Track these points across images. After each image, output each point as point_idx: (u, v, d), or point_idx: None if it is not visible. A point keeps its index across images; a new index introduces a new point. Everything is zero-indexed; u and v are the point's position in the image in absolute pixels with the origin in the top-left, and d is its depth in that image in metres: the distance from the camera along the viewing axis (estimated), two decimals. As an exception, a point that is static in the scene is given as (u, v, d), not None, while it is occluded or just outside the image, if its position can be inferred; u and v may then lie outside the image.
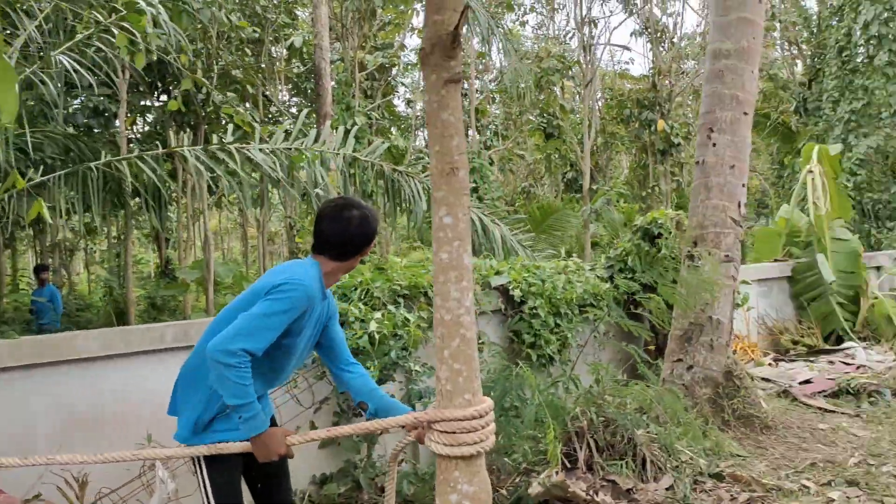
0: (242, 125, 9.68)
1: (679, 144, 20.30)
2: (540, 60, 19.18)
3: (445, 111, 2.69)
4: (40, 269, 11.46)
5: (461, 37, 2.64)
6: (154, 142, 10.54)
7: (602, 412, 4.66)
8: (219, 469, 2.77)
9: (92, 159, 7.10)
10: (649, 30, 20.58)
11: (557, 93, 21.80)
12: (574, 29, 21.20)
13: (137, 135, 13.54)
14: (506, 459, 4.33)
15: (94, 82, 6.90)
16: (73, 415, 3.97)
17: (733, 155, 5.72)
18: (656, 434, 4.70)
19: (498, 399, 4.15)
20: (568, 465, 4.48)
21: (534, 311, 5.79)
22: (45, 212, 4.60)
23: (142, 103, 12.38)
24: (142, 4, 6.23)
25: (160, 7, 6.71)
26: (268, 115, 15.54)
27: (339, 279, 3.32)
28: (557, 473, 4.22)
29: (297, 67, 16.60)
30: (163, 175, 7.42)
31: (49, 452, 3.68)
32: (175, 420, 2.87)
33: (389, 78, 17.96)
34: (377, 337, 4.61)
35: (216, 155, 6.95)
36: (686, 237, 6.00)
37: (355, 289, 4.91)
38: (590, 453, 4.51)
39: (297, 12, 15.78)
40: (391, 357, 4.64)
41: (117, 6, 6.36)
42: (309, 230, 13.18)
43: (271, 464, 2.77)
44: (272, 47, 15.38)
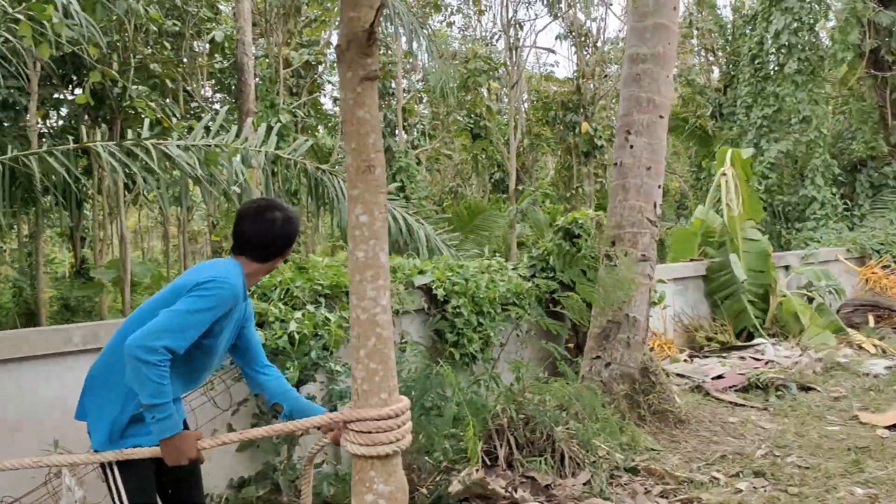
0: (161, 120, 9.41)
1: (602, 146, 20.76)
2: (466, 61, 19.30)
3: (361, 108, 2.67)
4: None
5: (377, 34, 2.62)
6: (67, 137, 10.13)
7: (522, 410, 4.72)
8: (132, 474, 2.69)
9: (-2, 154, 6.76)
10: (573, 34, 20.96)
11: (484, 94, 21.98)
12: (500, 31, 21.41)
13: (50, 129, 12.98)
14: (426, 458, 4.33)
15: (1, 73, 6.58)
16: (-26, 421, 3.78)
17: (650, 157, 5.88)
18: (575, 430, 4.79)
19: (418, 398, 4.15)
20: (488, 463, 4.52)
21: (457, 310, 5.82)
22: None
23: (55, 96, 11.88)
24: (49, -8, 5.98)
25: (72, -4, 6.44)
26: (189, 111, 15.14)
27: (259, 280, 3.31)
28: (477, 471, 4.26)
29: (220, 63, 16.24)
30: (75, 171, 7.12)
31: (-55, 461, 3.48)
32: (83, 425, 2.77)
33: (316, 75, 17.74)
34: (297, 337, 4.55)
35: (132, 151, 6.72)
36: (605, 237, 6.13)
37: (275, 288, 4.83)
38: (510, 450, 4.57)
39: (220, 6, 15.43)
40: (311, 357, 4.59)
41: (25, -6, 6.09)
42: (226, 229, 12.91)
43: (181, 468, 2.70)
44: (194, 41, 15.01)
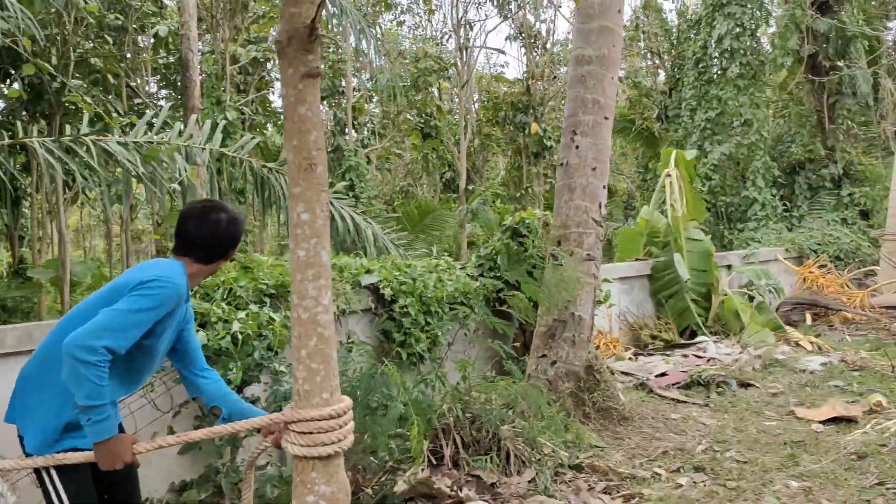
0: (102, 116, 9.16)
1: (552, 147, 20.95)
2: (417, 61, 19.28)
3: (303, 105, 2.64)
4: None
5: (319, 30, 2.60)
6: (2, 132, 9.78)
7: (468, 409, 4.74)
8: (71, 478, 2.63)
9: (-74, 149, 6.50)
10: (523, 35, 21.11)
11: (434, 93, 22.00)
12: (451, 31, 21.44)
13: (-16, 125, 12.53)
14: (371, 458, 4.31)
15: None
16: None
17: (595, 157, 5.95)
18: (521, 428, 4.82)
19: (363, 398, 4.13)
20: (434, 462, 4.53)
21: (404, 310, 5.81)
22: None
23: (-11, 90, 11.48)
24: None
25: (6, -13, 6.24)
26: (133, 108, 14.79)
27: (200, 282, 3.28)
28: (423, 470, 4.26)
29: (165, 58, 15.89)
30: (11, 169, 6.89)
31: None
32: (13, 428, 2.69)
33: (264, 72, 17.49)
34: (240, 337, 4.48)
35: (71, 147, 6.53)
36: (551, 237, 6.19)
37: (218, 288, 4.76)
38: (456, 449, 4.58)
39: (165, 1, 15.10)
40: (255, 358, 4.52)
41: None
42: (169, 228, 12.63)
43: (116, 472, 2.64)
44: (138, 36, 14.66)
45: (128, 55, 14.08)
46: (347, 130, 18.31)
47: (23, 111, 10.94)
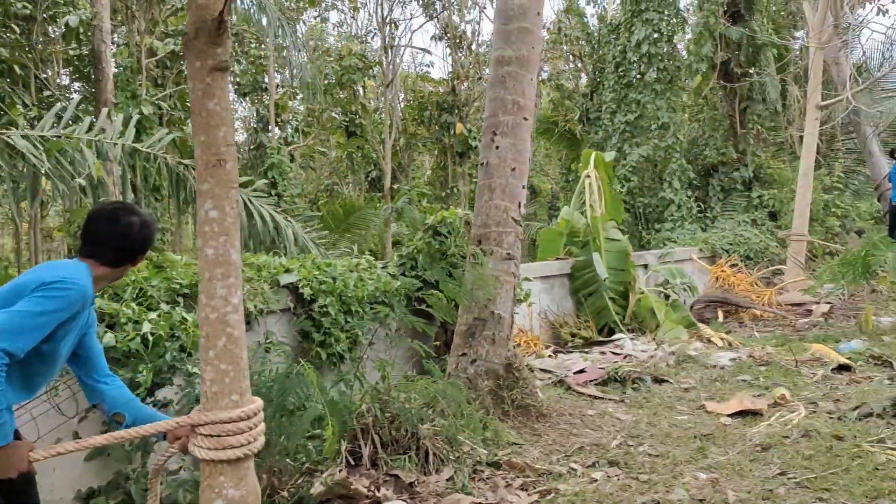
0: (7, 108, 8.74)
1: (477, 147, 21.12)
2: (341, 58, 19.12)
3: (211, 100, 2.58)
4: None
5: (228, 23, 2.54)
6: None
7: (387, 408, 4.72)
8: None
9: None
10: (448, 35, 21.21)
11: (360, 92, 21.86)
12: (376, 29, 21.36)
13: None
14: (288, 460, 4.24)
15: None
16: None
17: (514, 157, 6.01)
18: (440, 427, 4.83)
19: (277, 399, 4.06)
20: (352, 463, 4.49)
21: (324, 310, 5.74)
22: None
23: None
24: None
25: None
26: (42, 100, 14.17)
27: (104, 287, 3.18)
28: (340, 471, 4.22)
29: (77, 50, 15.29)
30: None
31: None
32: None
33: (182, 66, 17.04)
34: (151, 338, 4.34)
35: (-29, 140, 6.20)
36: (472, 236, 6.23)
37: (128, 287, 4.60)
38: (374, 449, 4.55)
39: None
40: (167, 360, 4.39)
41: None
42: (77, 226, 12.16)
43: (12, 480, 2.53)
44: (48, 26, 14.05)
45: (37, 45, 13.49)
46: (270, 127, 18.01)
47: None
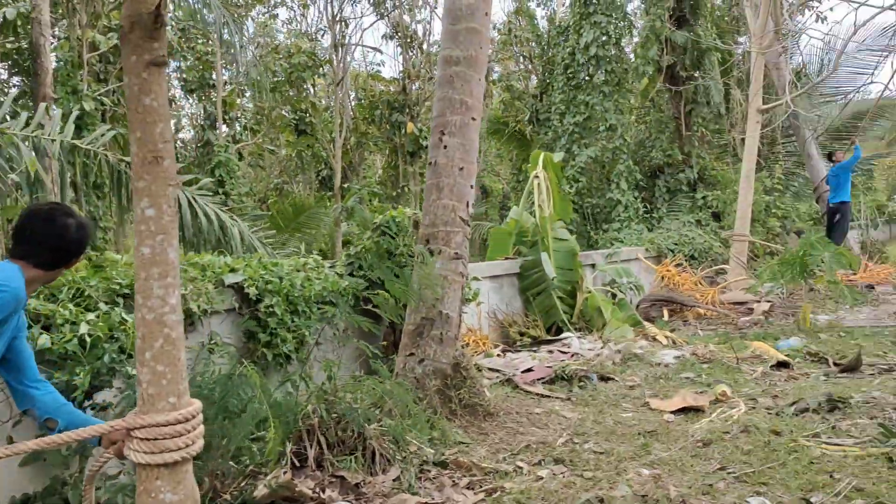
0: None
1: (427, 147, 21.14)
2: (290, 56, 18.91)
3: (148, 96, 2.52)
4: None
5: (165, 17, 2.48)
6: None
7: (334, 409, 4.68)
8: None
9: None
10: (399, 34, 21.16)
11: (310, 90, 21.66)
12: (326, 27, 21.18)
13: None
14: (231, 463, 4.17)
15: None
16: None
17: (462, 157, 6.02)
18: (387, 427, 4.81)
19: (220, 401, 3.99)
20: (297, 464, 4.44)
21: (270, 310, 5.66)
22: None
23: None
24: None
25: None
26: (-23, 94, 13.70)
27: (36, 290, 3.08)
28: (285, 473, 4.17)
29: (15, 43, 14.81)
30: None
31: None
32: None
33: (126, 61, 16.64)
34: (89, 340, 4.22)
35: None
36: (420, 235, 6.22)
37: (65, 287, 4.46)
38: (320, 450, 4.51)
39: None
40: (105, 361, 4.27)
41: None
42: (7, 224, 11.79)
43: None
44: (-16, 18, 13.56)
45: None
46: (218, 125, 17.72)
47: None
